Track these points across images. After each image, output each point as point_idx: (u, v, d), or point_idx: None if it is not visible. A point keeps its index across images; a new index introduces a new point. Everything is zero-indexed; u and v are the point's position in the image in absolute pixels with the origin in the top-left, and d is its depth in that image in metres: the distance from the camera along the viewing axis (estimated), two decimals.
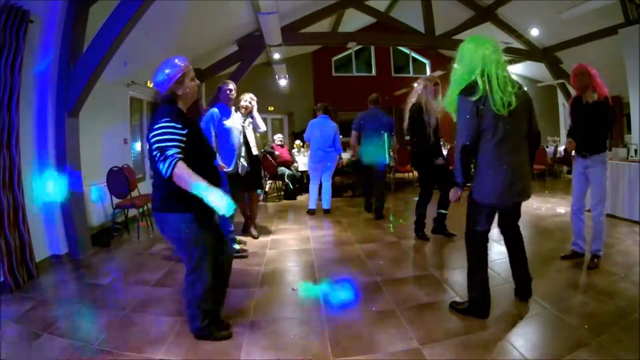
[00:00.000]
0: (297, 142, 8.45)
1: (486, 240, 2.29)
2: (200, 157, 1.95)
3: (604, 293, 2.48)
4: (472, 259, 2.31)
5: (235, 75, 7.32)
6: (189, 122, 1.90)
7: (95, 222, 4.28)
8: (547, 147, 8.57)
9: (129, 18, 3.30)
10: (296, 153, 7.95)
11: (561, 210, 5.09)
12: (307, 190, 7.10)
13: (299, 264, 3.37)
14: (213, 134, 3.57)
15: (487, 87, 2.01)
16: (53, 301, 2.71)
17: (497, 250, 3.62)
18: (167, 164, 1.73)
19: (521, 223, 2.54)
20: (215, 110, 3.63)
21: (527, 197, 2.27)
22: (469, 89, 2.06)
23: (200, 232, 1.95)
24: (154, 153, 1.78)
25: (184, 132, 1.83)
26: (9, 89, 2.89)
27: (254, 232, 4.16)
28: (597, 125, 2.90)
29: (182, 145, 1.80)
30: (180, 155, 1.77)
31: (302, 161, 7.10)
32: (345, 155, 6.33)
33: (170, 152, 1.75)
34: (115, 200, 4.37)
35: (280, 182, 7.11)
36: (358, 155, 5.20)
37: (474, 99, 2.02)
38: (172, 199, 1.88)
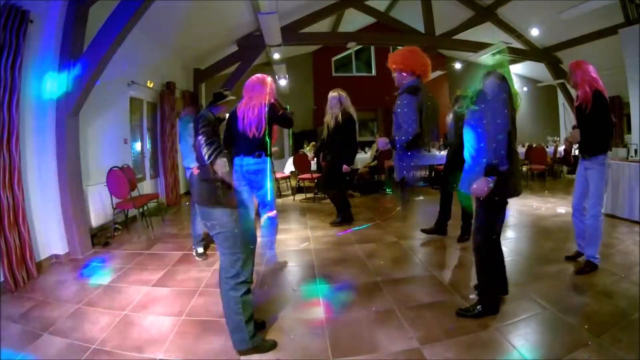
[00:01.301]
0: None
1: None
2: None
3: (604, 293, 2.48)
4: (489, 264, 2.27)
5: (235, 75, 7.32)
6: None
7: (95, 222, 4.28)
8: (547, 147, 8.58)
9: (129, 18, 3.30)
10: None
11: (561, 210, 5.09)
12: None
13: (299, 264, 3.37)
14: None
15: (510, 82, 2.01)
16: (53, 301, 2.71)
17: None
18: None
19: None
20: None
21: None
22: (498, 74, 2.00)
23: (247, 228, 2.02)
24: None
25: None
26: (9, 89, 2.90)
27: None
28: (593, 128, 2.81)
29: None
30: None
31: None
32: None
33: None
34: (115, 200, 4.38)
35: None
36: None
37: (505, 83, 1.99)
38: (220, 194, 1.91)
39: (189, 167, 3.29)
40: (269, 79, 3.00)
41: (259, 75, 3.05)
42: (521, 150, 7.89)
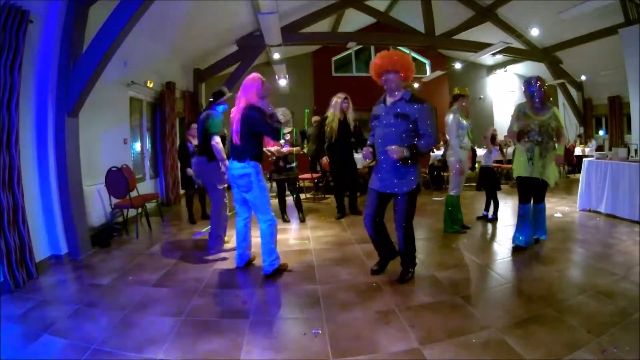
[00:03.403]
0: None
1: None
2: None
3: (604, 293, 2.48)
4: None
5: (235, 75, 7.32)
6: None
7: (95, 222, 4.28)
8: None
9: (129, 18, 3.30)
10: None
11: (561, 209, 5.09)
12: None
13: (299, 264, 3.36)
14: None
15: None
16: (53, 301, 2.71)
17: (498, 250, 3.63)
18: None
19: None
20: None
21: None
22: None
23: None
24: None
25: None
26: (9, 89, 2.89)
27: None
28: None
29: None
30: None
31: None
32: None
33: None
34: (114, 201, 4.38)
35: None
36: None
37: None
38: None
39: None
40: (258, 77, 2.97)
41: (251, 74, 3.02)
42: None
